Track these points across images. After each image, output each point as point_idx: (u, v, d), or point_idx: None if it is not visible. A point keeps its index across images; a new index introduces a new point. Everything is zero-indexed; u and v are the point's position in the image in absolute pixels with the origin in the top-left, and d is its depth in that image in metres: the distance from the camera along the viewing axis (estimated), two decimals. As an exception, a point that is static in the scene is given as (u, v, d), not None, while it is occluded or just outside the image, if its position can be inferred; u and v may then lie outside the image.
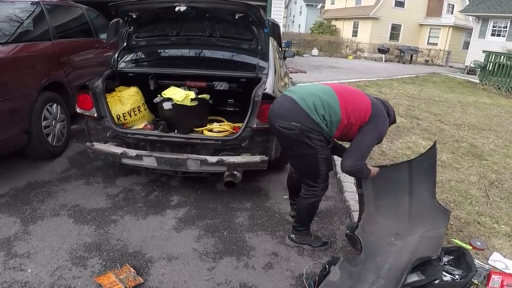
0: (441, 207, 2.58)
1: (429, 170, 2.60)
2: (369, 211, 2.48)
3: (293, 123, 2.06)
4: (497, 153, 4.77)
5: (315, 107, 2.07)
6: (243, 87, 3.50)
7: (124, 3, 3.06)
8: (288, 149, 2.25)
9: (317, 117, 2.06)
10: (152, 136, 2.98)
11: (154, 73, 3.63)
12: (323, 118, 2.08)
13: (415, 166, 2.65)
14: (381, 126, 2.21)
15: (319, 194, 2.33)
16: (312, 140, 2.09)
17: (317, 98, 2.10)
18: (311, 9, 36.95)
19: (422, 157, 2.71)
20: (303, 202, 2.36)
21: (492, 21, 16.11)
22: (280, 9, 10.17)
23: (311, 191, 2.31)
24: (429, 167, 2.60)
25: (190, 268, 2.27)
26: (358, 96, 2.21)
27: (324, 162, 2.20)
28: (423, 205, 2.57)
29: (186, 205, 3.02)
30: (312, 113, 2.06)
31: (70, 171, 3.53)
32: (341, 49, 23.32)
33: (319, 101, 2.08)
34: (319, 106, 2.07)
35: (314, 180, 2.27)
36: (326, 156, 2.21)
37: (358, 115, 2.13)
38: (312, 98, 2.09)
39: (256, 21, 3.16)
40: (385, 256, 2.21)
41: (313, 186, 2.29)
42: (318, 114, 2.06)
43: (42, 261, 2.26)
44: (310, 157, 2.16)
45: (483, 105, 8.33)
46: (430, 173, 2.60)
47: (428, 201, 2.57)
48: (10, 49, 3.23)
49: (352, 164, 2.15)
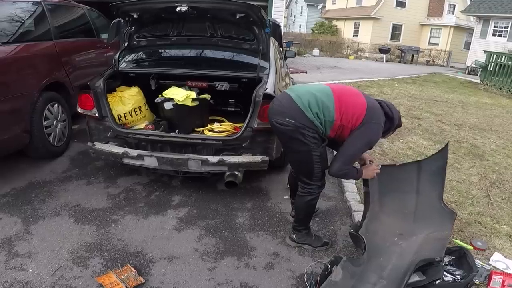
0: (447, 209, 2.56)
1: (439, 171, 2.58)
2: (373, 209, 2.46)
3: (288, 119, 2.12)
4: (498, 153, 4.76)
5: (309, 105, 2.11)
6: (244, 87, 3.50)
7: (125, 3, 3.06)
8: (284, 145, 2.33)
9: (311, 115, 2.10)
10: (153, 136, 2.98)
11: (155, 73, 3.64)
12: (317, 117, 2.11)
13: (424, 167, 2.62)
14: (372, 132, 2.18)
15: (315, 192, 2.34)
16: (306, 137, 2.12)
17: (312, 96, 2.14)
18: (312, 9, 36.94)
19: (432, 158, 2.69)
20: (300, 200, 2.39)
21: (493, 21, 16.09)
22: (281, 9, 10.17)
23: (307, 189, 2.33)
24: (439, 169, 2.58)
25: (191, 268, 2.28)
26: (354, 99, 2.18)
27: (318, 160, 2.21)
28: (429, 206, 2.54)
29: (187, 205, 3.02)
30: (306, 110, 2.10)
31: (71, 171, 3.53)
32: (342, 49, 23.30)
33: (314, 100, 2.12)
34: (314, 105, 2.11)
35: (309, 177, 2.29)
36: (321, 154, 2.21)
37: (350, 118, 2.13)
38: (308, 96, 2.14)
39: (257, 21, 3.16)
40: (388, 256, 2.20)
41: (309, 184, 2.32)
42: (312, 112, 2.10)
43: (43, 261, 2.27)
44: (304, 154, 2.19)
45: (484, 106, 8.32)
46: (439, 175, 2.58)
47: (435, 202, 2.55)
48: (12, 49, 3.23)
49: (338, 169, 2.18)
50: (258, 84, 3.00)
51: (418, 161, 2.78)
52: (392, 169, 2.60)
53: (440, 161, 2.61)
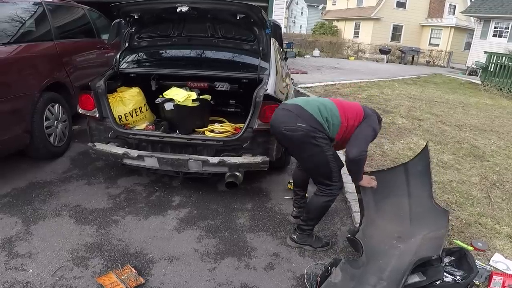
0: (440, 208, 2.59)
1: (425, 171, 2.63)
2: (369, 215, 2.50)
3: (299, 124, 2.22)
4: (498, 154, 4.76)
5: (319, 110, 2.28)
6: (245, 88, 3.51)
7: (126, 3, 3.06)
8: (298, 153, 2.39)
9: (321, 119, 2.26)
10: (154, 136, 2.98)
11: (155, 73, 3.64)
12: (326, 121, 2.27)
13: (410, 169, 2.70)
14: (374, 122, 2.40)
15: (335, 193, 2.38)
16: (317, 139, 2.23)
17: (319, 103, 2.34)
18: (313, 10, 36.99)
19: (416, 159, 2.76)
20: (316, 200, 2.40)
21: (494, 22, 16.10)
22: (282, 10, 10.17)
23: (327, 190, 2.36)
24: (424, 168, 2.64)
25: (191, 269, 2.28)
26: (350, 103, 2.51)
27: (333, 158, 2.29)
28: (423, 207, 2.58)
29: (188, 206, 3.02)
30: (316, 115, 2.26)
31: (72, 172, 3.54)
32: (342, 50, 23.33)
33: (323, 106, 2.31)
34: (323, 110, 2.29)
35: (330, 178, 2.33)
36: (333, 152, 2.31)
37: (355, 116, 2.36)
38: (316, 104, 2.33)
39: (258, 22, 3.16)
40: (388, 259, 2.21)
41: (330, 185, 2.35)
42: (322, 116, 2.27)
43: (43, 261, 2.27)
44: (319, 156, 2.27)
45: (484, 106, 8.31)
46: (426, 175, 2.63)
47: (427, 203, 2.58)
48: (12, 49, 3.24)
49: (358, 151, 2.25)
50: (259, 85, 3.01)
51: (404, 163, 2.84)
52: (382, 174, 2.65)
53: (424, 161, 2.67)
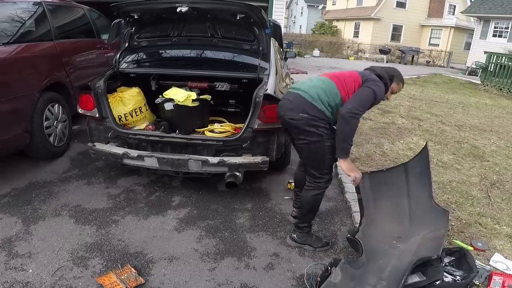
0: (440, 208, 2.59)
1: (424, 171, 2.63)
2: (369, 215, 2.50)
3: (301, 114, 2.25)
4: (498, 154, 4.76)
5: (319, 97, 2.27)
6: (245, 88, 3.50)
7: (126, 3, 3.06)
8: (297, 138, 2.39)
9: (322, 105, 2.26)
10: (154, 136, 2.98)
11: (155, 73, 3.64)
12: (328, 105, 2.27)
13: (410, 169, 2.70)
14: (373, 84, 2.33)
15: (322, 186, 2.39)
16: (319, 128, 2.26)
17: (319, 89, 2.31)
18: (312, 10, 36.97)
19: (415, 159, 2.76)
20: (306, 194, 2.42)
21: (493, 22, 16.10)
22: (281, 10, 10.16)
23: (315, 183, 2.38)
24: (424, 169, 2.64)
25: (191, 269, 2.28)
26: (345, 72, 2.46)
27: (330, 149, 2.30)
28: (422, 207, 2.58)
29: (187, 206, 3.02)
30: (316, 102, 2.25)
31: (72, 172, 3.54)
32: (342, 50, 23.33)
33: (322, 91, 2.29)
34: (323, 95, 2.28)
35: (319, 169, 2.35)
36: (332, 144, 2.30)
37: (353, 83, 2.33)
38: (315, 90, 2.30)
39: (258, 22, 3.16)
40: (387, 259, 2.21)
41: (317, 177, 2.37)
42: (323, 102, 2.26)
43: (43, 261, 2.27)
44: (317, 144, 2.28)
45: (484, 106, 8.31)
46: (426, 175, 2.63)
47: (427, 203, 2.59)
48: (12, 49, 3.24)
49: (350, 107, 2.19)
50: (259, 85, 3.00)
51: (404, 163, 2.83)
52: (381, 175, 2.66)
53: (423, 161, 2.67)
